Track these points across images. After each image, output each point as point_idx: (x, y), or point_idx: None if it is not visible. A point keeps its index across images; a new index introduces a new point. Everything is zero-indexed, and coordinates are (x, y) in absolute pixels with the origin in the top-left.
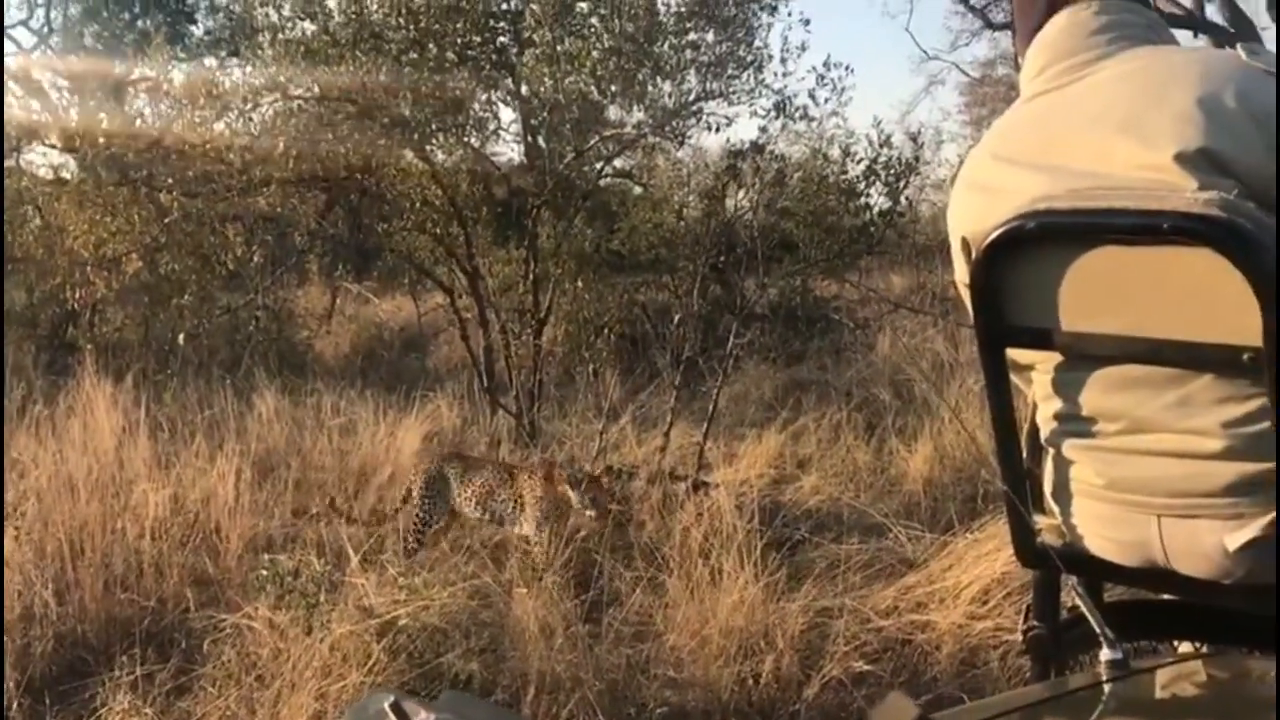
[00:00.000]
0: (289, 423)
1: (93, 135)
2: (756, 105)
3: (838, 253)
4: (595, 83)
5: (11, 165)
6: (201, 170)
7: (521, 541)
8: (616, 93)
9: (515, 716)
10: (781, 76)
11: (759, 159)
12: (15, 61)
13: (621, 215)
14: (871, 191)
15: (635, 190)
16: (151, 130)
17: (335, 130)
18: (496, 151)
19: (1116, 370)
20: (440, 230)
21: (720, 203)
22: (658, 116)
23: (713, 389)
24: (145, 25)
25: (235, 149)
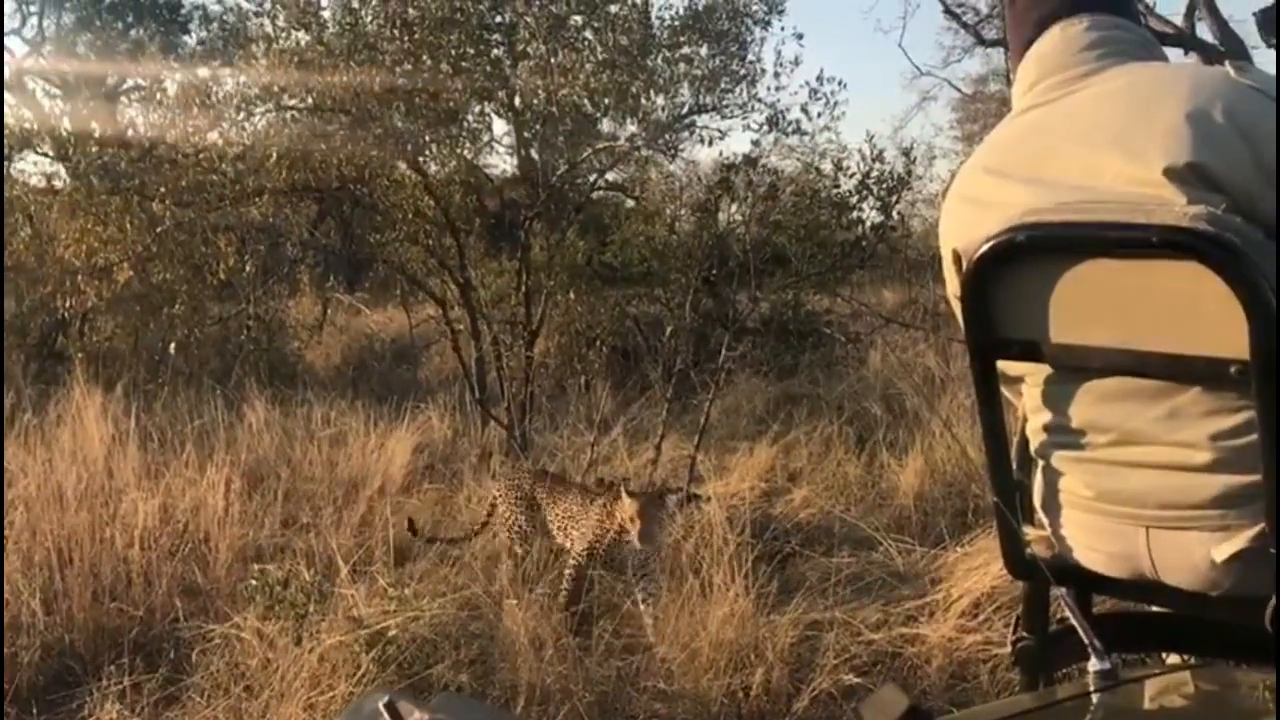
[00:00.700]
0: (279, 433)
1: (85, 144)
2: (749, 119)
3: (830, 267)
4: (589, 95)
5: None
6: (194, 180)
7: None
8: (610, 106)
9: (510, 717)
10: (774, 91)
11: (751, 173)
12: (8, 70)
13: (614, 228)
14: (864, 206)
15: (628, 203)
16: (144, 139)
17: (328, 141)
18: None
19: (1105, 383)
20: (433, 241)
21: (713, 216)
22: (651, 130)
23: (704, 402)
24: (138, 34)
25: (228, 159)
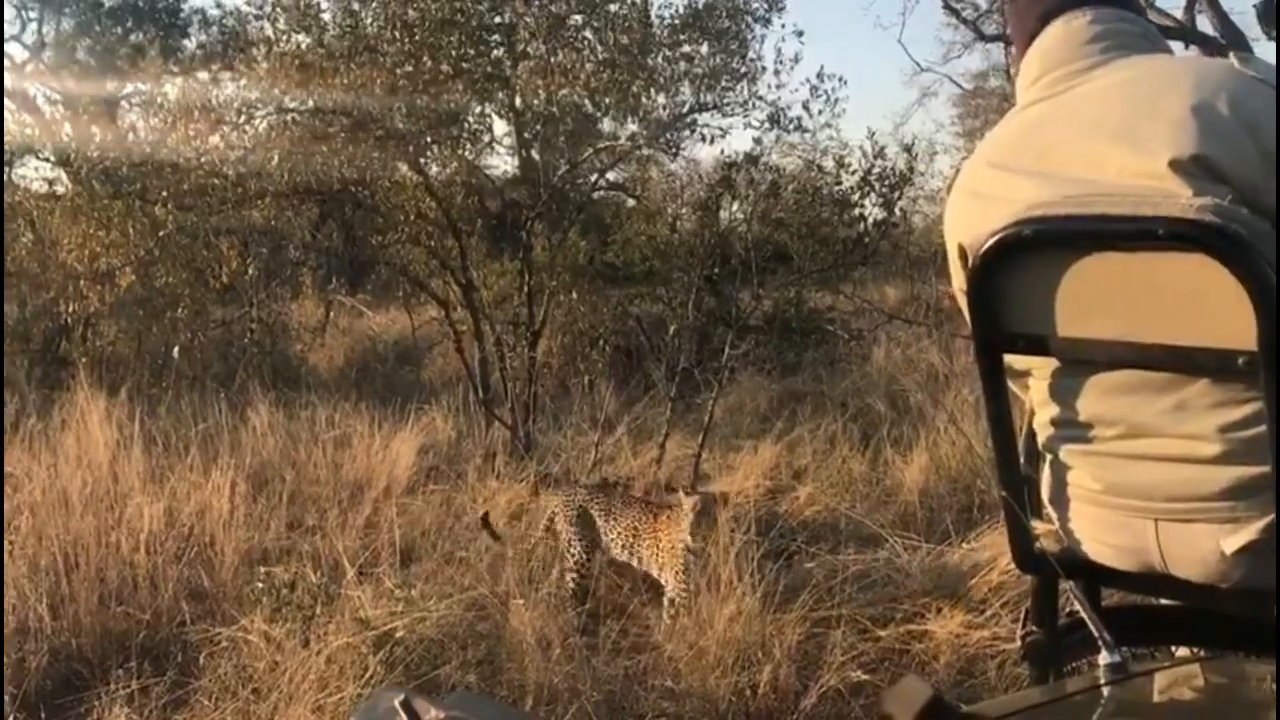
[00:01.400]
0: (283, 435)
1: (86, 149)
2: (750, 117)
3: (832, 264)
4: (589, 95)
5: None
6: (195, 183)
7: (669, 605)
8: (610, 105)
9: (525, 715)
10: (775, 88)
11: (753, 170)
12: (8, 76)
13: (616, 227)
14: (865, 203)
15: (629, 202)
16: (145, 144)
17: (330, 143)
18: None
19: (1113, 376)
20: (435, 243)
21: (714, 214)
22: (652, 129)
23: (708, 400)
24: (139, 39)
25: (229, 162)
